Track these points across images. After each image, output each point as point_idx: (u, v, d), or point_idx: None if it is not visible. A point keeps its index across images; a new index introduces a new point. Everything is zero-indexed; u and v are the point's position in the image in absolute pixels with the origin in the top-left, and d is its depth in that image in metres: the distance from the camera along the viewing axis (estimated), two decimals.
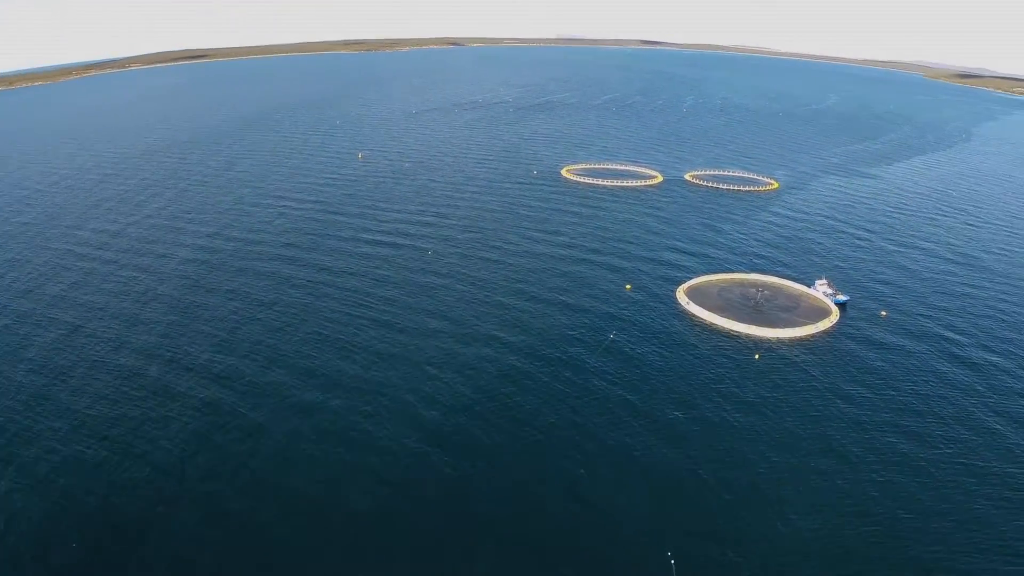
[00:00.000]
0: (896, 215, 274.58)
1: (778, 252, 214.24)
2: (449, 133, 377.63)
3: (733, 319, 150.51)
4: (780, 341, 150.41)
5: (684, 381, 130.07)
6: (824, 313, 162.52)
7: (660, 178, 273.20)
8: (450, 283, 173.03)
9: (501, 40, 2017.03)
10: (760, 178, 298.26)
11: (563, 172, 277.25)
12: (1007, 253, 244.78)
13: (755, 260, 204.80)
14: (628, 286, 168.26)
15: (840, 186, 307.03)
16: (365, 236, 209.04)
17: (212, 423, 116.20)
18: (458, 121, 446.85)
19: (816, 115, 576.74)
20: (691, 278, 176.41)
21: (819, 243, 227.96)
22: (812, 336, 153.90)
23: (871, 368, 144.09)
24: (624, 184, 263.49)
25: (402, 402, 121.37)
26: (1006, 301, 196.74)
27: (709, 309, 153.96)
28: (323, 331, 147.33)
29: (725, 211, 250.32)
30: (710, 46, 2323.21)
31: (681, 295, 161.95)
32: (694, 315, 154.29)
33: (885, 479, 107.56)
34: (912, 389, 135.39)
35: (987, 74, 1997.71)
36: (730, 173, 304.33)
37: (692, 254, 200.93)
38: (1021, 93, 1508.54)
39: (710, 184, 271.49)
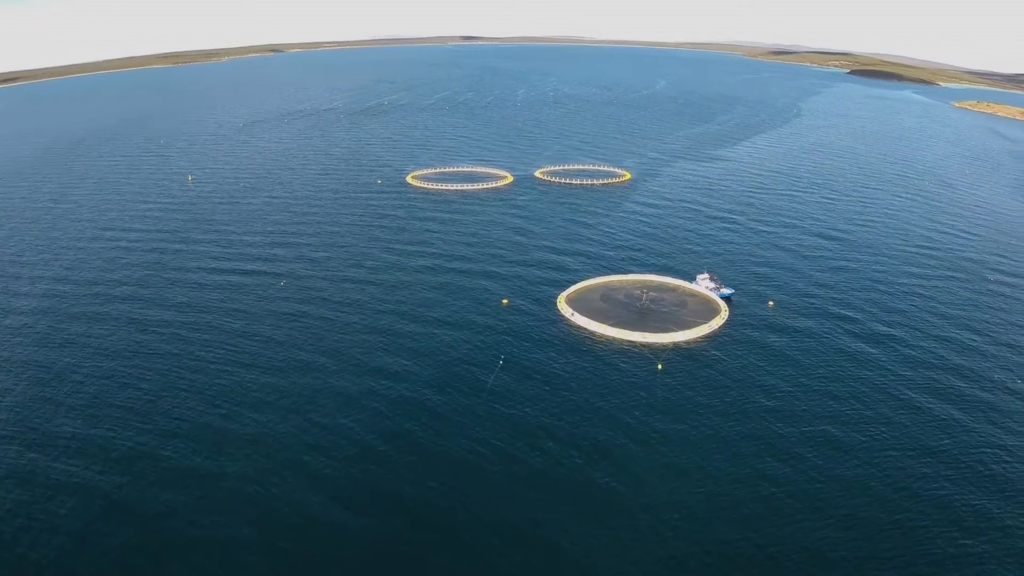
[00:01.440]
0: (755, 196, 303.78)
1: (651, 247, 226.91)
2: (283, 145, 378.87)
3: (625, 328, 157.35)
4: (678, 346, 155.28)
5: (594, 402, 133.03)
6: (713, 310, 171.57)
7: (510, 178, 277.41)
8: (314, 310, 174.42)
9: (321, 44, 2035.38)
10: (612, 169, 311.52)
11: (409, 179, 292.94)
12: (869, 224, 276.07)
13: (630, 258, 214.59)
14: (505, 300, 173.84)
15: (692, 171, 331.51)
16: (213, 266, 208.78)
17: (60, 505, 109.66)
18: (290, 132, 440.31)
19: (649, 100, 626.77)
20: (569, 284, 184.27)
21: (689, 232, 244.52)
22: (708, 336, 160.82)
23: (779, 359, 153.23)
24: (475, 187, 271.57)
25: (291, 461, 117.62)
26: (882, 271, 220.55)
27: (597, 319, 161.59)
28: (181, 381, 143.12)
29: (585, 208, 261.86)
30: (529, 38, 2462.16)
31: (563, 305, 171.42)
32: (583, 327, 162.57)
33: (836, 473, 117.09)
34: (825, 373, 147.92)
35: (801, 49, 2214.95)
36: (580, 167, 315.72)
37: (564, 257, 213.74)
38: (836, 66, 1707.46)
39: (563, 180, 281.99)
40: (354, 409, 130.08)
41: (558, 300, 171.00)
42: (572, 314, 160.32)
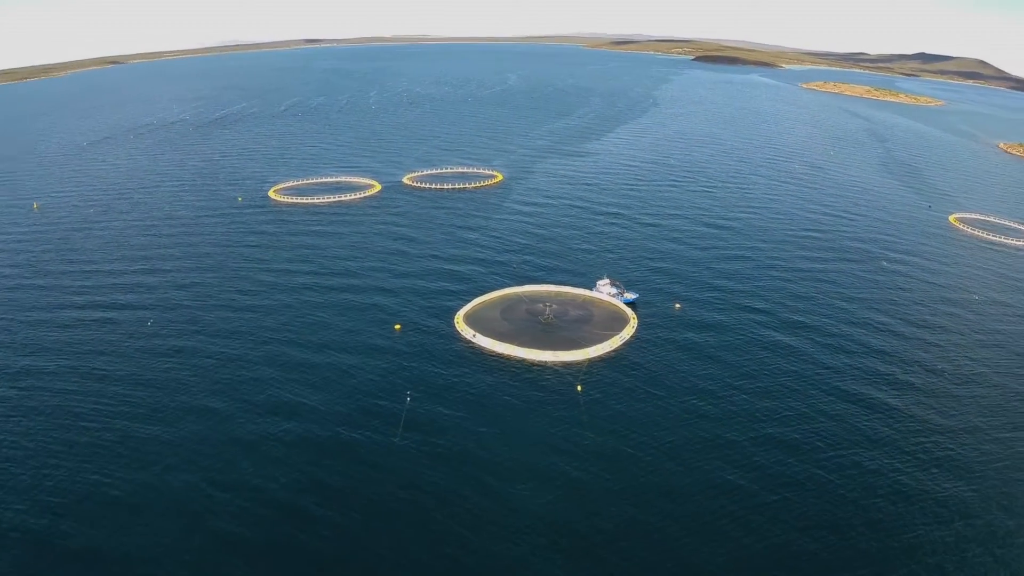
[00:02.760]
0: (635, 189, 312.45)
1: (542, 250, 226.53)
2: (134, 163, 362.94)
3: (533, 347, 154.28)
4: (593, 362, 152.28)
5: (520, 431, 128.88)
6: (621, 319, 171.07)
7: (378, 186, 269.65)
8: (193, 343, 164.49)
9: (163, 54, 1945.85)
10: (482, 171, 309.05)
11: (271, 193, 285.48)
12: (753, 211, 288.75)
13: (522, 266, 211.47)
14: (397, 326, 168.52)
15: (563, 167, 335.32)
16: (75, 300, 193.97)
17: None
18: (138, 148, 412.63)
19: (504, 97, 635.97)
20: (464, 300, 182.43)
21: (576, 232, 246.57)
22: (621, 348, 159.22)
23: (701, 362, 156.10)
24: (343, 199, 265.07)
25: (189, 530, 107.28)
26: (777, 258, 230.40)
27: (502, 339, 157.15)
28: (50, 443, 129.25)
29: (464, 213, 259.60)
30: (375, 38, 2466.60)
31: (462, 326, 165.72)
32: (488, 350, 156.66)
33: (791, 474, 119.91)
34: (751, 371, 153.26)
35: (642, 38, 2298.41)
36: (449, 170, 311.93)
37: (454, 269, 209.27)
38: (680, 52, 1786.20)
39: (433, 186, 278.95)
40: (254, 459, 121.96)
41: (456, 319, 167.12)
42: (474, 335, 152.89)
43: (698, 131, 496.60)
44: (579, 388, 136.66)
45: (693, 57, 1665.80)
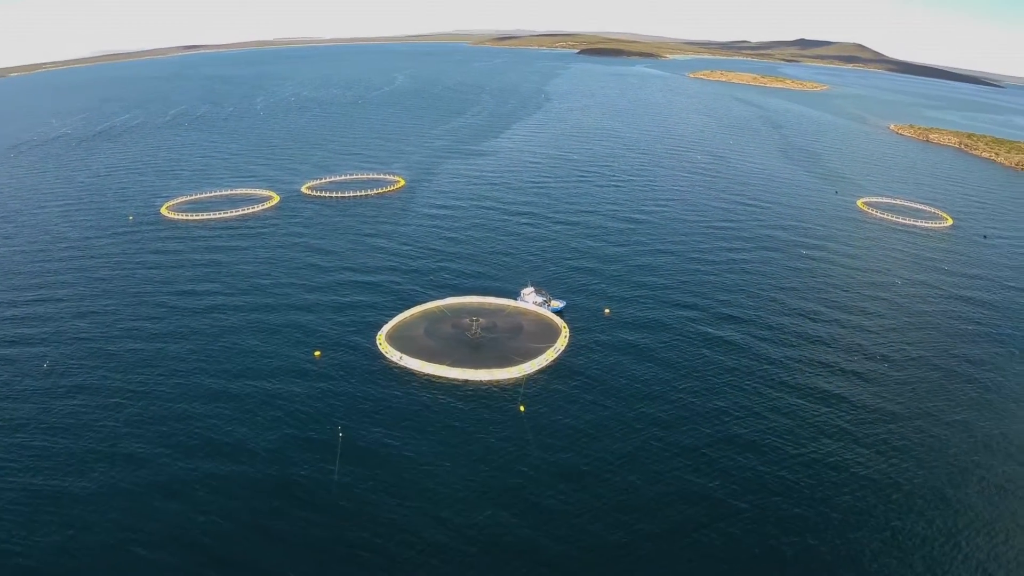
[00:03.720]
0: (543, 187, 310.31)
1: (458, 258, 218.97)
2: (16, 183, 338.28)
3: (466, 366, 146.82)
4: (531, 378, 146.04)
5: (467, 462, 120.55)
6: (553, 329, 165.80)
7: (276, 197, 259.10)
8: (97, 380, 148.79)
9: (42, 66, 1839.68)
10: (382, 176, 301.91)
11: (163, 211, 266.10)
12: (665, 204, 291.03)
13: (441, 275, 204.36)
14: (317, 352, 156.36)
15: (466, 168, 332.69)
16: None
17: None
18: (18, 168, 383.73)
19: (394, 97, 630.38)
20: (385, 318, 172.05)
21: (489, 235, 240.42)
22: (557, 360, 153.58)
23: (643, 368, 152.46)
24: (241, 213, 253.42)
25: None
26: (698, 252, 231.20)
27: (431, 359, 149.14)
28: None
29: (371, 222, 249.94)
30: (256, 42, 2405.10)
31: (386, 347, 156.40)
32: (419, 372, 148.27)
33: (761, 479, 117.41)
34: (696, 372, 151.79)
35: (524, 33, 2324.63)
36: (348, 177, 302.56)
37: (370, 283, 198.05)
38: (564, 46, 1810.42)
39: (334, 194, 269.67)
40: (180, 507, 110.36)
41: (379, 339, 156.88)
42: (401, 358, 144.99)
43: (595, 125, 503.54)
44: (522, 408, 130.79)
45: (578, 50, 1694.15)
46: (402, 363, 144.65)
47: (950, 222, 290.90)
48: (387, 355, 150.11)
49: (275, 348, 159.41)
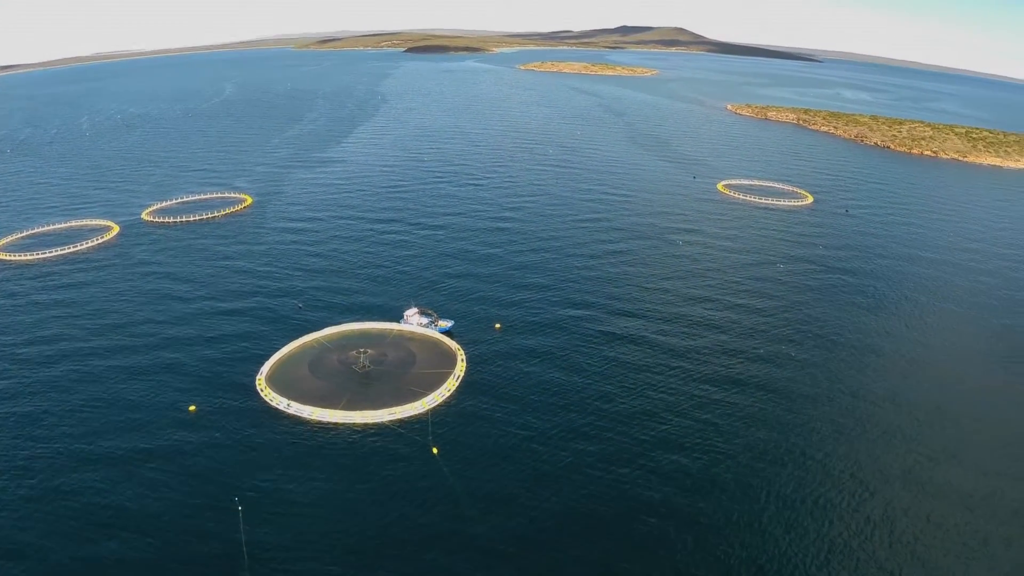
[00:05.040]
0: (402, 194, 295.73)
1: (329, 281, 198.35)
2: None
3: (363, 406, 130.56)
4: (436, 411, 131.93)
5: (392, 518, 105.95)
6: (446, 353, 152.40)
7: (116, 228, 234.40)
8: None
9: None
10: (228, 195, 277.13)
11: None
12: (530, 204, 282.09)
13: (312, 298, 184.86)
14: (192, 407, 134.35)
15: (315, 180, 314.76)
16: None
17: None
18: None
19: (226, 108, 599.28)
20: (262, 358, 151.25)
21: (357, 251, 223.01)
22: (459, 387, 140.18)
23: (553, 386, 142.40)
24: (79, 248, 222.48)
25: None
26: (577, 251, 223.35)
27: (322, 403, 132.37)
28: None
29: (224, 249, 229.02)
30: (72, 59, 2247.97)
31: (269, 392, 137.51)
32: (310, 419, 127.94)
33: (715, 501, 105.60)
34: (611, 383, 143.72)
35: (348, 35, 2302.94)
36: (191, 199, 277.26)
37: (237, 319, 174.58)
38: (389, 45, 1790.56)
39: (178, 219, 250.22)
40: None
41: (259, 383, 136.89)
42: (288, 405, 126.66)
43: (439, 123, 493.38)
44: (435, 450, 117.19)
45: (405, 49, 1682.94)
46: (291, 411, 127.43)
47: (811, 199, 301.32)
48: (272, 402, 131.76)
49: (144, 396, 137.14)
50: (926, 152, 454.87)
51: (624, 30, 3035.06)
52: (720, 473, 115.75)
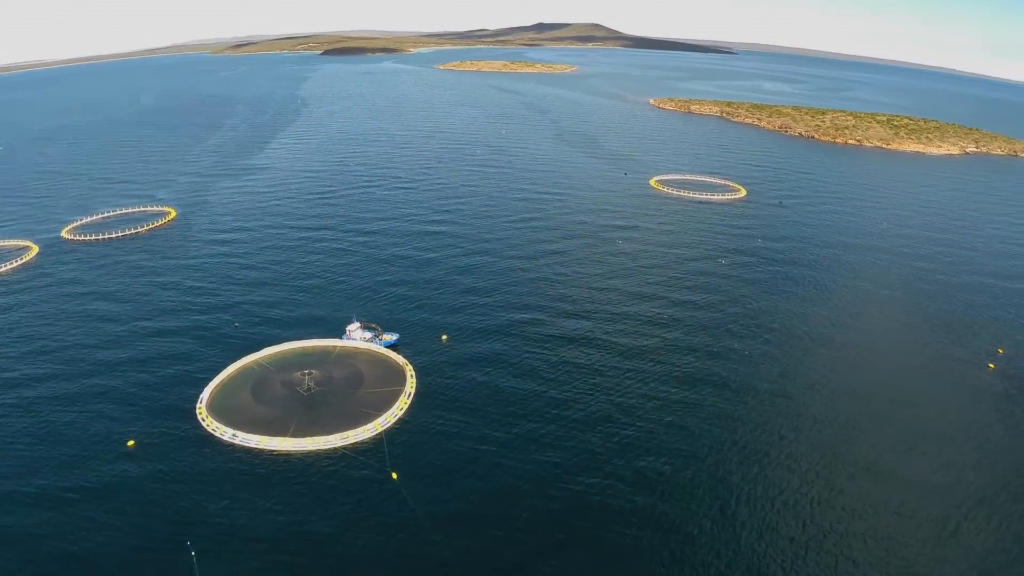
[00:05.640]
0: (331, 201, 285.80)
1: (262, 292, 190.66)
2: None
3: (313, 432, 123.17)
4: (389, 433, 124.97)
5: (360, 553, 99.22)
6: (394, 369, 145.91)
7: (35, 248, 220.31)
8: None
9: None
10: (151, 209, 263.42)
11: None
12: (464, 207, 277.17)
13: (248, 313, 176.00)
14: (130, 442, 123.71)
15: (241, 189, 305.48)
16: None
17: None
18: None
19: (144, 117, 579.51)
20: (201, 384, 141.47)
21: (290, 262, 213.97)
22: (412, 405, 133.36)
23: (508, 385, 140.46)
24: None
25: None
26: (515, 255, 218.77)
27: (269, 431, 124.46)
28: None
29: (150, 265, 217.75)
30: None
31: (212, 422, 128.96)
32: (258, 449, 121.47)
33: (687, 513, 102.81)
34: (562, 379, 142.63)
35: (263, 38, 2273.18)
36: (113, 214, 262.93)
37: (170, 345, 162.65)
38: (306, 49, 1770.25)
39: (101, 236, 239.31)
40: None
41: (200, 412, 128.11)
42: (235, 435, 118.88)
43: (362, 127, 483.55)
44: (394, 476, 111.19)
45: (321, 51, 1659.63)
46: (237, 441, 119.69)
47: (744, 192, 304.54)
48: (216, 432, 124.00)
49: (78, 428, 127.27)
50: (850, 141, 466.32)
51: (540, 27, 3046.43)
52: (689, 476, 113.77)
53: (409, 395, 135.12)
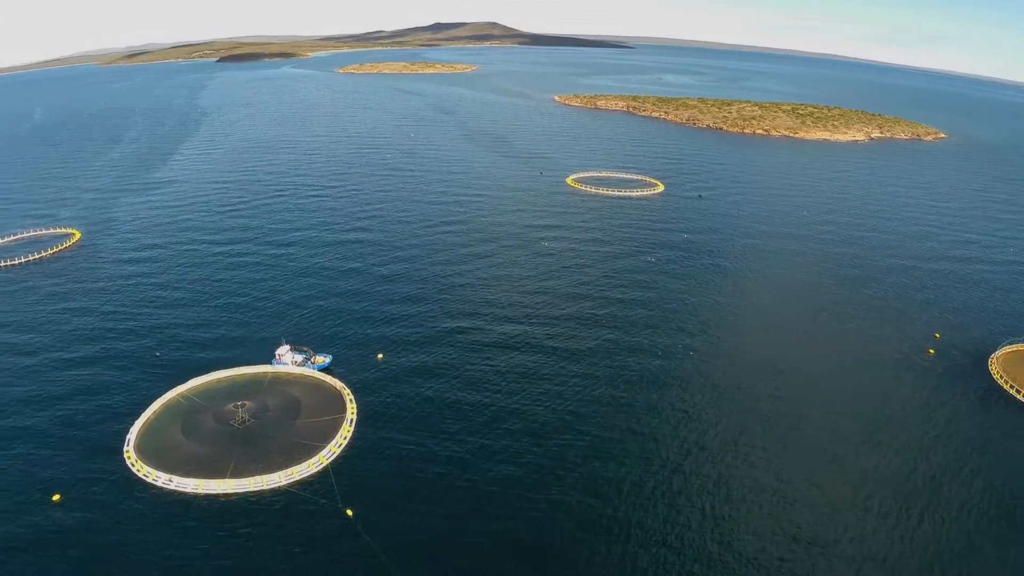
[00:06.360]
0: (243, 213, 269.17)
1: (181, 313, 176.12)
2: None
3: (253, 471, 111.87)
4: (336, 465, 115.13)
5: None
6: (331, 394, 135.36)
7: None
8: None
9: None
10: (54, 232, 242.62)
11: None
12: (379, 210, 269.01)
13: (170, 340, 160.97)
14: (56, 496, 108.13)
15: (149, 205, 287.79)
16: None
17: None
18: None
19: (39, 133, 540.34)
20: (126, 422, 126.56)
21: (208, 279, 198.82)
22: (356, 432, 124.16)
23: (454, 399, 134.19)
24: None
25: None
26: (436, 255, 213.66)
27: (206, 473, 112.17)
28: None
29: (57, 291, 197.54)
30: None
31: (143, 466, 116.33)
32: (197, 494, 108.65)
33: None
34: (512, 389, 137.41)
35: (157, 47, 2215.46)
36: (11, 239, 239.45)
37: (85, 370, 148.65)
38: (201, 56, 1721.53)
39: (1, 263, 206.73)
40: None
41: (128, 456, 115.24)
42: (170, 479, 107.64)
43: (267, 135, 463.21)
44: (349, 512, 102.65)
45: (217, 59, 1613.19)
46: (173, 486, 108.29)
47: (662, 187, 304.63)
48: (149, 478, 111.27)
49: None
50: (758, 131, 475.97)
51: (437, 27, 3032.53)
52: (657, 483, 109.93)
53: (351, 421, 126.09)
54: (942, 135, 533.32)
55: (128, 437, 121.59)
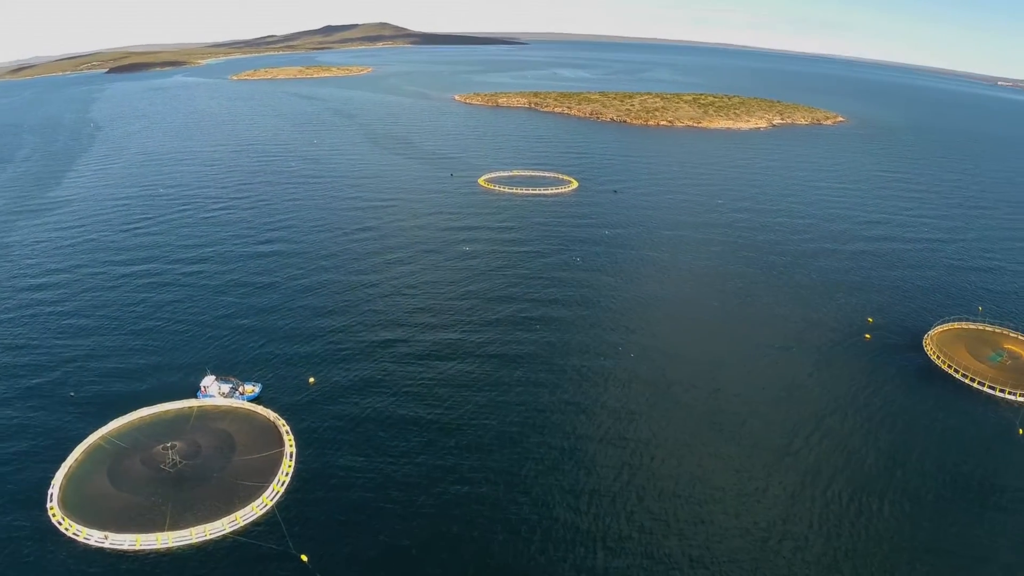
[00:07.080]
0: (147, 231, 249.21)
1: (87, 341, 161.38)
2: None
3: (191, 520, 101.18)
4: (280, 504, 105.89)
5: None
6: (266, 428, 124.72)
7: None
8: None
9: None
10: None
11: None
12: (290, 223, 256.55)
13: (78, 373, 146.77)
14: None
15: (44, 229, 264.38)
16: None
17: None
18: None
19: None
20: (47, 472, 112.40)
21: (115, 303, 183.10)
22: (297, 466, 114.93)
23: (400, 417, 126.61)
24: None
25: None
26: (356, 268, 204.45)
27: (146, 526, 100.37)
28: None
29: None
30: None
31: (71, 524, 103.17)
32: (139, 552, 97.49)
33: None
34: (456, 407, 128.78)
35: (43, 60, 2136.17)
36: None
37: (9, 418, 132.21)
38: (89, 68, 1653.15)
39: None
40: None
41: (53, 514, 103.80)
42: (105, 537, 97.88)
43: (165, 147, 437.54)
44: (304, 558, 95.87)
45: (107, 70, 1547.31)
46: (107, 545, 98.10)
47: (576, 184, 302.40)
48: (80, 537, 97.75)
49: None
50: (662, 122, 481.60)
51: (328, 30, 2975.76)
52: (619, 490, 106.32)
53: (291, 455, 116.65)
54: (841, 119, 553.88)
55: (51, 491, 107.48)
